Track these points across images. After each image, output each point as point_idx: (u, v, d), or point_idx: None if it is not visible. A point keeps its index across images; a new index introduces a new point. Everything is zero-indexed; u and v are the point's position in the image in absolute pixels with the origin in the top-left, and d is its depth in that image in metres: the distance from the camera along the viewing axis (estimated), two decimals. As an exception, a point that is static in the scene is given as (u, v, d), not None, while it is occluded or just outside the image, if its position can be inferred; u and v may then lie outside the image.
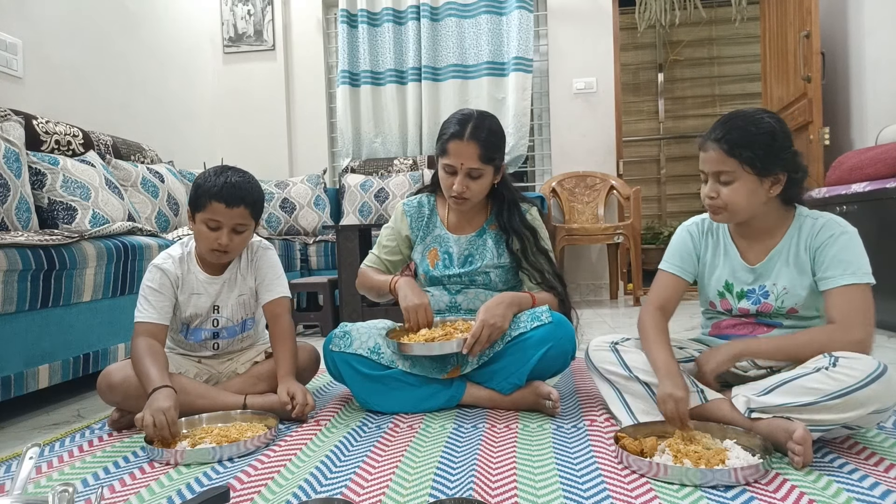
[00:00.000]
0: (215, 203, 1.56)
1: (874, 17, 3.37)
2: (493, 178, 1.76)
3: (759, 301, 1.42)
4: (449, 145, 1.70)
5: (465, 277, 1.79)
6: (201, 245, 1.64)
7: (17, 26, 2.81)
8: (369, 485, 1.17)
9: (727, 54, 6.56)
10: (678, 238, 1.56)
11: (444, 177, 1.74)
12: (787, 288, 1.39)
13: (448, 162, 1.70)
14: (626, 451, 1.22)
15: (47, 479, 1.28)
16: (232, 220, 1.58)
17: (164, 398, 1.40)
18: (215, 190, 1.56)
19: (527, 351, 1.60)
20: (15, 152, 2.20)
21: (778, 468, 1.17)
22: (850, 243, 1.32)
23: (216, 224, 1.58)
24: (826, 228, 1.35)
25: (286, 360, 1.64)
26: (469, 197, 1.73)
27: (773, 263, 1.40)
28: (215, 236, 1.58)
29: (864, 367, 1.17)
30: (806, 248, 1.37)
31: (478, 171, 1.70)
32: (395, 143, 4.40)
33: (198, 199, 1.59)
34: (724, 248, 1.48)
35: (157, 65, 3.93)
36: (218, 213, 1.56)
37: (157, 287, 1.62)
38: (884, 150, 2.73)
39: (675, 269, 1.53)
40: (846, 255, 1.31)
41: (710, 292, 1.51)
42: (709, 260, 1.51)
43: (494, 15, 4.23)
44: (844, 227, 1.35)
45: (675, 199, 6.69)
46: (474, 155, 1.68)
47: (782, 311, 1.40)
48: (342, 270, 2.93)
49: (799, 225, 1.39)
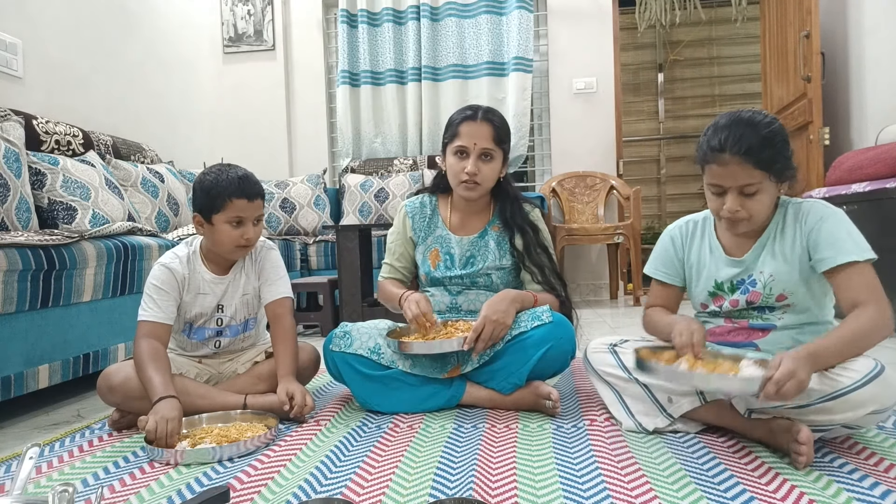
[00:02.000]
0: (237, 200, 1.58)
1: (874, 17, 3.37)
2: (501, 168, 1.76)
3: (748, 290, 1.40)
4: (461, 127, 1.71)
5: (466, 279, 1.79)
6: (226, 245, 1.63)
7: (17, 26, 2.81)
8: (369, 485, 1.17)
9: (727, 54, 6.56)
10: (660, 244, 1.56)
11: (454, 162, 1.74)
12: (773, 275, 1.36)
13: (461, 143, 1.71)
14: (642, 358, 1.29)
15: (47, 479, 1.28)
16: (255, 212, 1.62)
17: (171, 409, 1.40)
18: (233, 188, 1.58)
19: (527, 350, 1.60)
20: (15, 152, 2.20)
21: (778, 468, 1.17)
22: (839, 222, 1.31)
23: (240, 219, 1.60)
24: (813, 212, 1.33)
25: (287, 360, 1.64)
26: (480, 182, 1.72)
27: (759, 253, 1.39)
28: (241, 232, 1.61)
29: (861, 368, 1.17)
30: (794, 233, 1.35)
31: (490, 153, 1.71)
32: (395, 143, 4.40)
33: (214, 200, 1.58)
34: (710, 247, 1.47)
35: (157, 65, 3.93)
36: (241, 209, 1.59)
37: (164, 286, 1.62)
38: (884, 150, 2.73)
39: (659, 275, 1.56)
40: (839, 233, 1.29)
41: (701, 293, 1.49)
42: (695, 261, 1.50)
43: (494, 15, 4.23)
44: (830, 207, 1.34)
45: (675, 199, 6.68)
46: (488, 135, 1.70)
47: (771, 299, 1.37)
48: (342, 270, 2.93)
49: (783, 213, 1.38)
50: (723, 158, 1.27)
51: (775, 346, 1.38)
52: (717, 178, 1.30)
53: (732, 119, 1.30)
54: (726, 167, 1.28)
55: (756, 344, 1.41)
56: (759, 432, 1.29)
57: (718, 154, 1.28)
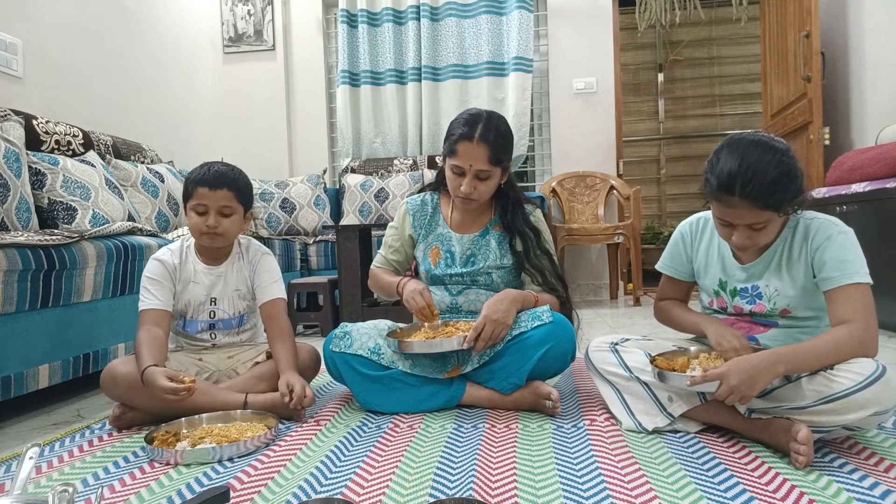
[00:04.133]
0: (200, 188, 1.66)
1: (874, 17, 3.37)
2: (500, 179, 1.76)
3: (754, 301, 1.42)
4: (458, 146, 1.69)
5: (466, 277, 1.79)
6: (194, 232, 1.72)
7: (17, 26, 2.81)
8: (369, 485, 1.17)
9: (727, 54, 6.56)
10: (672, 238, 1.60)
11: (451, 177, 1.74)
12: (778, 289, 1.38)
13: (457, 163, 1.70)
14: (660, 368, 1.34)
15: (47, 479, 1.28)
16: (216, 202, 1.67)
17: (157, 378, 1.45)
18: (199, 177, 1.68)
19: (527, 350, 1.60)
20: (15, 152, 2.20)
21: (778, 468, 1.17)
22: (847, 243, 1.30)
23: (203, 208, 1.67)
24: (822, 230, 1.33)
25: (286, 355, 1.67)
26: (476, 198, 1.73)
27: (766, 265, 1.40)
28: (203, 220, 1.68)
29: (862, 370, 1.17)
30: (800, 251, 1.35)
31: (486, 173, 1.70)
32: (395, 143, 4.40)
33: (186, 189, 1.70)
34: (719, 248, 1.48)
35: (157, 65, 3.93)
36: (203, 196, 1.66)
37: (156, 276, 1.70)
38: (884, 150, 2.73)
39: (666, 269, 1.61)
40: (846, 254, 1.29)
41: (707, 290, 1.52)
42: (703, 258, 1.52)
43: (494, 15, 4.23)
44: (840, 226, 1.33)
45: (675, 199, 6.69)
46: (483, 157, 1.67)
47: (775, 312, 1.40)
48: (342, 270, 2.93)
49: (793, 227, 1.37)
50: (731, 201, 1.25)
51: (775, 342, 1.39)
52: (726, 216, 1.30)
53: (741, 154, 1.25)
54: (734, 209, 1.26)
55: (756, 339, 1.42)
56: (759, 432, 1.29)
57: (726, 196, 1.26)
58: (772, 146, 1.26)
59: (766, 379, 1.19)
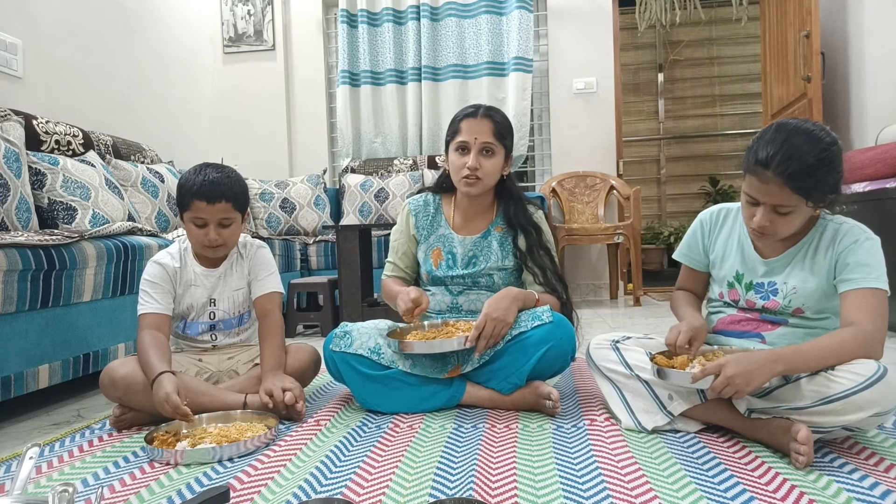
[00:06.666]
0: (197, 201, 1.62)
1: (874, 17, 3.37)
2: (503, 165, 1.77)
3: (768, 297, 1.41)
4: (462, 123, 1.74)
5: (468, 279, 1.79)
6: (195, 244, 1.71)
7: (17, 26, 2.81)
8: (369, 485, 1.17)
9: (727, 54, 6.56)
10: (691, 227, 1.59)
11: (455, 158, 1.75)
12: (796, 288, 1.37)
13: (462, 139, 1.72)
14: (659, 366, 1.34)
15: (47, 479, 1.28)
16: (215, 215, 1.64)
17: (166, 384, 1.44)
18: (195, 189, 1.62)
19: (527, 350, 1.60)
20: (15, 152, 2.20)
21: (778, 468, 1.17)
22: (873, 249, 1.30)
23: (202, 221, 1.64)
24: (851, 234, 1.32)
25: (270, 356, 1.66)
26: (481, 177, 1.73)
27: (788, 261, 1.39)
28: (203, 233, 1.65)
29: (863, 371, 1.16)
30: (826, 252, 1.34)
31: (491, 147, 1.72)
32: (395, 143, 4.40)
33: (181, 199, 1.66)
34: (739, 239, 1.47)
35: (157, 65, 3.93)
36: (201, 210, 1.63)
37: (156, 279, 1.69)
38: (884, 150, 2.73)
39: (682, 258, 1.61)
40: (870, 259, 1.29)
41: (721, 281, 1.50)
42: (721, 248, 1.50)
43: (494, 15, 4.23)
44: (868, 233, 1.33)
45: (675, 199, 6.68)
46: (488, 130, 1.71)
47: (788, 311, 1.39)
48: (342, 270, 2.93)
49: (822, 229, 1.36)
50: (764, 175, 1.24)
51: (782, 340, 1.39)
52: (754, 191, 1.29)
53: (788, 133, 1.24)
54: (766, 184, 1.25)
55: (763, 336, 1.41)
56: (759, 432, 1.29)
57: (761, 169, 1.24)
58: (818, 136, 1.24)
59: (764, 376, 1.19)
